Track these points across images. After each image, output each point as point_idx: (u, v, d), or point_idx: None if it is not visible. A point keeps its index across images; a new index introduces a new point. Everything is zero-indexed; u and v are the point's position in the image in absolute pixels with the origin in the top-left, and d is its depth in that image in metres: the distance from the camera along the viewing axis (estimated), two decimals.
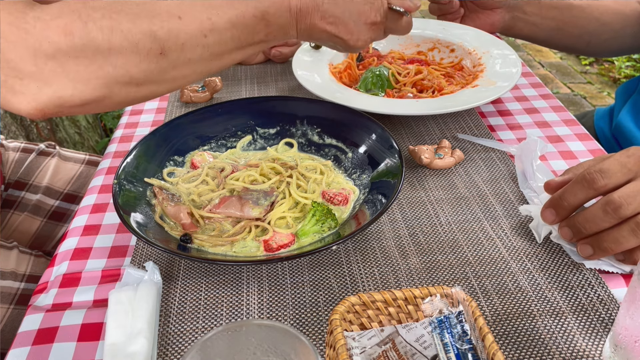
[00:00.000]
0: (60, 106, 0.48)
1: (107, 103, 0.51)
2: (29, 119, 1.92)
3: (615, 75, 3.08)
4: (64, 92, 0.47)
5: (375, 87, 0.92)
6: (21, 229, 0.94)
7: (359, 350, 0.48)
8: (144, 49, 0.50)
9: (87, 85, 0.48)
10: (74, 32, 0.47)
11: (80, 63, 0.47)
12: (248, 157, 0.79)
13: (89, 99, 0.49)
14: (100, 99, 0.49)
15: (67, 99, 0.48)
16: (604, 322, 0.55)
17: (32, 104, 0.47)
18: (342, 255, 0.65)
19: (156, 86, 0.53)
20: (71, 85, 0.48)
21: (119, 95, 0.50)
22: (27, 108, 0.47)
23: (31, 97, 0.47)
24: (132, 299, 0.56)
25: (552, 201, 0.61)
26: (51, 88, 0.47)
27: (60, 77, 0.47)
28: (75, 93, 0.48)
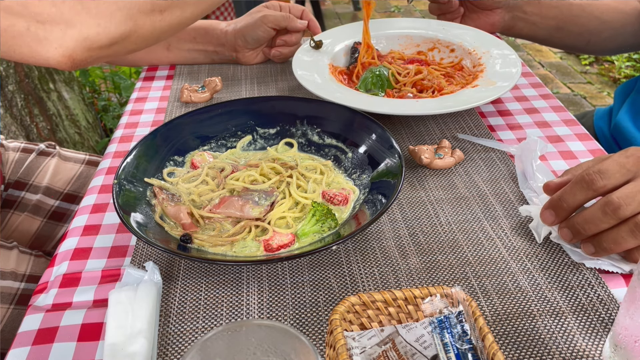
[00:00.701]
0: (89, 49, 0.46)
1: (135, 38, 0.49)
2: (29, 119, 1.92)
3: (615, 75, 3.08)
4: (89, 30, 0.46)
5: (375, 87, 0.92)
6: (21, 229, 0.94)
7: (359, 350, 0.48)
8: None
9: (111, 20, 0.46)
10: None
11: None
12: (248, 157, 0.79)
13: (116, 35, 0.47)
14: (127, 34, 0.48)
15: (93, 38, 0.46)
16: (604, 322, 0.55)
17: (59, 50, 0.46)
18: (342, 255, 0.65)
19: (180, 10, 0.51)
20: (94, 23, 0.46)
21: (144, 26, 0.49)
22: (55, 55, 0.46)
23: (57, 43, 0.45)
24: (132, 299, 0.56)
25: (552, 202, 0.61)
26: (75, 29, 0.45)
27: (81, 15, 0.45)
28: (100, 31, 0.46)
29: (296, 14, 1.07)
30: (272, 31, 1.05)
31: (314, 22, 1.08)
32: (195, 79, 1.06)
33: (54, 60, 0.46)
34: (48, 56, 0.46)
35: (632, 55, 3.20)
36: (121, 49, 0.49)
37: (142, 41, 0.50)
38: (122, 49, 0.49)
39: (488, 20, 1.08)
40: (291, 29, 1.05)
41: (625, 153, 0.58)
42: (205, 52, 1.09)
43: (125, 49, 0.50)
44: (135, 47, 0.51)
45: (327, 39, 1.04)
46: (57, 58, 0.46)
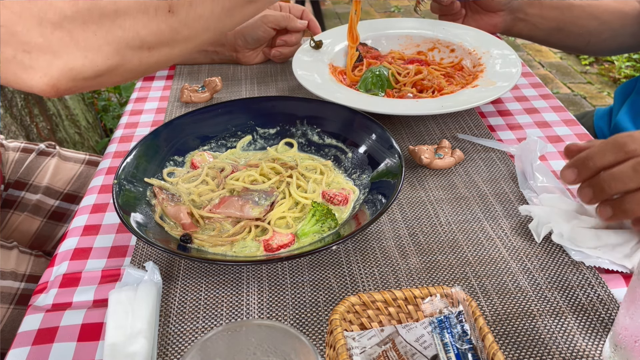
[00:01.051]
0: (73, 79, 0.46)
1: (121, 72, 0.49)
2: (29, 119, 1.92)
3: (615, 75, 3.08)
4: (75, 62, 0.46)
5: (375, 87, 0.92)
6: (21, 229, 0.94)
7: (359, 350, 0.48)
8: (152, 8, 0.48)
9: (98, 53, 0.46)
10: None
11: (87, 29, 0.45)
12: (248, 157, 0.79)
13: (102, 68, 0.47)
14: (113, 67, 0.48)
15: (79, 70, 0.46)
16: (604, 322, 0.55)
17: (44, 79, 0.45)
18: (342, 255, 0.65)
19: (169, 48, 0.51)
20: (81, 55, 0.46)
21: (131, 61, 0.48)
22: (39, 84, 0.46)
23: (42, 72, 0.45)
24: (132, 299, 0.56)
25: (577, 161, 0.60)
26: (61, 60, 0.45)
27: (69, 47, 0.45)
28: (86, 63, 0.46)
29: (296, 14, 1.07)
30: (272, 31, 1.05)
31: (314, 22, 1.08)
32: (195, 79, 1.06)
33: (38, 88, 0.46)
34: (32, 84, 0.46)
35: (632, 55, 3.20)
36: (106, 80, 0.49)
37: (128, 74, 0.50)
38: (107, 80, 0.49)
39: (490, 22, 1.08)
40: (291, 29, 1.05)
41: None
42: (205, 52, 1.09)
43: (110, 81, 0.50)
44: (121, 80, 0.51)
45: (327, 39, 1.04)
46: (40, 86, 0.46)
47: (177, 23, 0.50)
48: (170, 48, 0.51)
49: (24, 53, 0.45)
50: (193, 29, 0.51)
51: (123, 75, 0.50)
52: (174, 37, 0.50)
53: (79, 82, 0.47)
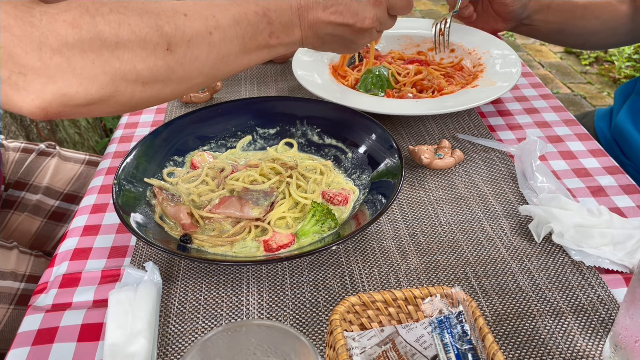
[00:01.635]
0: (65, 105, 0.47)
1: (112, 103, 0.49)
2: (29, 119, 1.92)
3: (615, 75, 3.08)
4: (69, 88, 0.46)
5: (375, 87, 0.92)
6: (21, 229, 0.94)
7: (359, 350, 0.48)
8: (151, 44, 0.49)
9: (93, 82, 0.47)
10: (82, 25, 0.46)
11: (86, 57, 0.46)
12: (248, 157, 0.79)
13: (95, 97, 0.48)
14: (106, 97, 0.48)
15: (72, 96, 0.46)
16: (604, 322, 0.55)
17: (35, 101, 0.46)
18: (342, 255, 0.65)
19: (162, 86, 0.51)
20: (77, 82, 0.46)
21: (124, 94, 0.49)
22: (29, 106, 0.46)
23: (35, 95, 0.45)
24: (132, 299, 0.56)
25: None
26: (56, 85, 0.46)
27: (65, 73, 0.46)
28: (80, 90, 0.46)
29: None
30: None
31: None
32: None
33: (27, 110, 0.46)
34: (22, 105, 0.46)
35: (632, 56, 3.20)
36: (95, 110, 0.50)
37: (118, 107, 0.51)
38: (97, 110, 0.50)
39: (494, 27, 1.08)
40: None
41: None
42: None
43: (99, 111, 0.50)
44: (110, 111, 0.51)
45: None
46: (31, 109, 0.46)
47: (173, 62, 0.51)
48: (164, 86, 0.52)
49: (19, 75, 0.45)
50: (188, 70, 0.52)
51: (113, 107, 0.50)
52: (169, 75, 0.51)
53: (69, 109, 0.47)
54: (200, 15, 0.53)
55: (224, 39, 0.54)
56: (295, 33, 0.60)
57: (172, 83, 0.52)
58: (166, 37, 0.50)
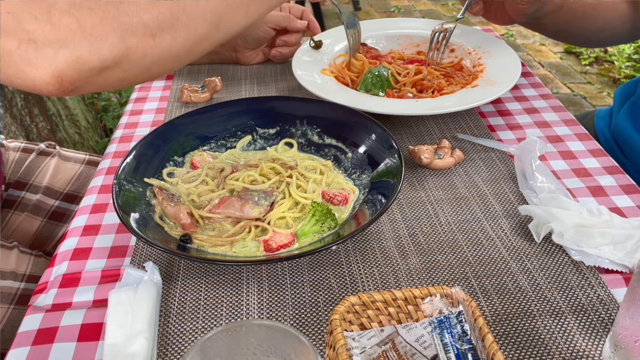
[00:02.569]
0: (79, 70, 0.46)
1: (126, 65, 0.49)
2: (29, 119, 1.92)
3: (615, 75, 3.08)
4: (82, 51, 0.45)
5: (375, 88, 0.92)
6: (21, 229, 0.94)
7: (358, 350, 0.48)
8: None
9: (104, 41, 0.46)
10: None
11: (94, 15, 0.46)
12: (248, 157, 0.79)
13: (108, 57, 0.47)
14: (119, 58, 0.48)
15: (85, 59, 0.46)
16: (604, 322, 0.55)
17: (49, 70, 0.45)
18: (342, 255, 0.65)
19: (171, 37, 0.51)
20: (88, 43, 0.46)
21: (136, 52, 0.49)
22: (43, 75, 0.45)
23: (47, 63, 0.44)
24: (132, 299, 0.56)
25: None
26: (68, 48, 0.45)
27: (76, 35, 0.45)
28: (92, 51, 0.46)
29: (296, 14, 1.07)
30: (272, 31, 1.05)
31: (313, 23, 1.08)
32: (195, 79, 1.06)
33: (41, 80, 0.45)
34: (35, 76, 0.45)
35: (632, 56, 3.20)
36: (111, 76, 0.49)
37: (133, 69, 0.50)
38: (113, 76, 0.49)
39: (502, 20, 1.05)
40: (291, 29, 1.05)
41: None
42: None
43: (115, 77, 0.50)
44: (126, 76, 0.51)
45: (327, 39, 1.04)
46: (45, 78, 0.45)
47: (176, 8, 0.50)
48: (172, 38, 0.51)
49: (28, 43, 0.44)
50: (191, 15, 0.52)
51: (127, 70, 0.50)
52: (174, 24, 0.51)
53: (84, 74, 0.46)
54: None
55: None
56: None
57: (179, 33, 0.52)
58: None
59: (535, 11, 1.02)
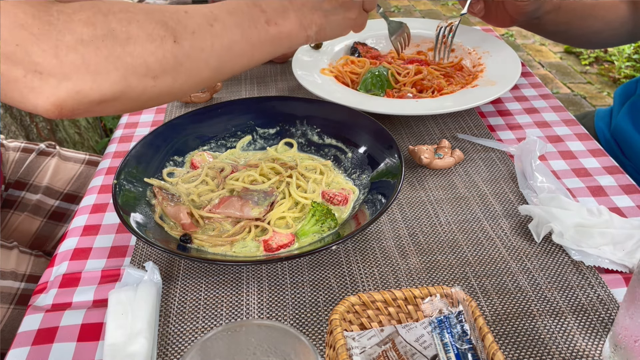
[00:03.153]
0: (79, 102, 0.48)
1: (124, 100, 0.51)
2: (29, 119, 1.93)
3: (615, 75, 3.08)
4: (84, 85, 0.47)
5: (375, 88, 0.92)
6: (21, 229, 0.94)
7: (358, 350, 0.48)
8: (158, 37, 0.51)
9: (106, 78, 0.48)
10: (96, 23, 0.48)
11: (100, 54, 0.48)
12: (248, 157, 0.79)
13: (107, 93, 0.49)
14: (118, 94, 0.50)
15: (86, 93, 0.48)
16: (604, 322, 0.55)
17: (50, 99, 0.47)
18: (342, 255, 0.65)
19: (172, 80, 0.53)
20: (90, 78, 0.48)
21: (135, 89, 0.51)
22: (44, 104, 0.47)
23: (50, 92, 0.47)
24: (132, 299, 0.56)
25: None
26: (70, 82, 0.47)
27: (80, 70, 0.47)
28: (94, 87, 0.48)
29: None
30: None
31: None
32: None
33: (42, 108, 0.48)
34: (37, 103, 0.47)
35: (632, 56, 3.20)
36: (109, 107, 0.51)
37: (130, 103, 0.52)
38: (111, 107, 0.51)
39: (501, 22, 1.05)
40: None
41: None
42: None
43: (113, 108, 0.52)
44: (123, 109, 0.53)
45: None
46: (46, 106, 0.47)
47: (180, 54, 0.53)
48: (173, 80, 0.53)
49: (34, 73, 0.46)
50: (195, 61, 0.55)
51: (125, 104, 0.52)
52: (177, 68, 0.53)
53: (83, 106, 0.49)
54: (198, 11, 0.56)
55: (225, 28, 0.57)
56: (291, 17, 0.62)
57: (180, 76, 0.54)
58: (171, 30, 0.52)
59: (534, 10, 1.02)
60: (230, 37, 0.57)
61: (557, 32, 1.08)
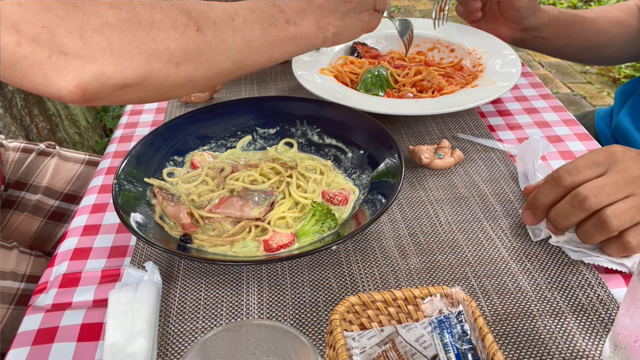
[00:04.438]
0: (102, 85, 0.48)
1: (146, 86, 0.51)
2: (29, 119, 1.92)
3: (615, 75, 3.08)
4: (108, 67, 0.48)
5: (375, 88, 0.92)
6: (21, 229, 0.94)
7: (358, 350, 0.48)
8: (182, 25, 0.52)
9: (130, 62, 0.49)
10: (121, 7, 0.49)
11: (124, 37, 0.48)
12: (248, 157, 0.79)
13: (130, 77, 0.49)
14: (141, 79, 0.50)
15: (109, 75, 0.48)
16: (604, 322, 0.55)
17: (75, 80, 0.47)
18: (342, 255, 0.65)
19: (193, 68, 0.54)
20: (114, 61, 0.48)
21: (158, 75, 0.51)
22: (69, 86, 0.47)
23: (74, 74, 0.47)
24: (132, 299, 0.56)
25: (528, 203, 0.63)
26: (95, 64, 0.47)
27: (105, 52, 0.47)
28: (117, 69, 0.48)
29: None
30: None
31: None
32: None
33: (66, 90, 0.48)
34: (61, 85, 0.47)
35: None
36: (130, 93, 0.52)
37: (152, 90, 0.53)
38: (132, 93, 0.52)
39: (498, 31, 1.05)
40: None
41: (597, 150, 0.60)
42: None
43: (134, 94, 0.52)
44: (143, 95, 0.53)
45: None
46: (70, 88, 0.48)
47: (203, 42, 0.54)
48: (195, 68, 0.54)
49: (59, 54, 0.46)
50: (216, 52, 0.56)
51: (147, 90, 0.52)
52: (199, 56, 0.54)
53: (107, 89, 0.49)
54: (219, 5, 0.58)
55: (245, 23, 0.58)
56: (309, 18, 0.64)
57: (202, 66, 0.55)
58: (194, 19, 0.54)
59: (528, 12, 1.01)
60: (251, 32, 0.58)
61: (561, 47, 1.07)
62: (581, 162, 0.59)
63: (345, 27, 0.69)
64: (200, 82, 0.57)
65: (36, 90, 0.48)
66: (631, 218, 0.56)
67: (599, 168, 0.58)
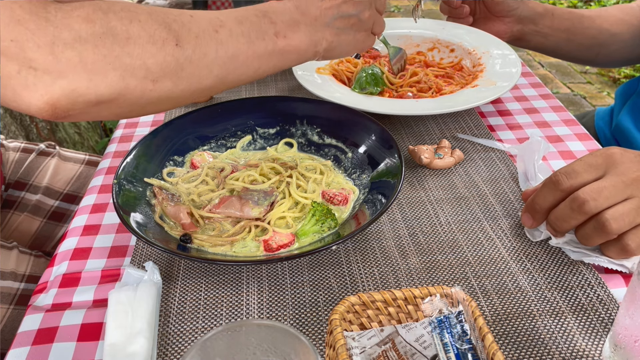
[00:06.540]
0: (74, 102, 0.46)
1: (121, 102, 0.49)
2: (29, 119, 1.92)
3: (615, 75, 3.08)
4: (79, 83, 0.46)
5: (369, 85, 0.92)
6: (21, 229, 0.94)
7: (358, 350, 0.48)
8: (160, 39, 0.50)
9: (104, 78, 0.47)
10: (95, 20, 0.46)
11: (98, 52, 0.46)
12: (248, 157, 0.79)
13: (104, 94, 0.47)
14: (115, 95, 0.48)
15: (81, 92, 0.46)
16: (604, 322, 0.55)
17: (44, 97, 0.45)
18: (342, 255, 0.65)
19: (172, 84, 0.51)
20: (87, 77, 0.46)
21: (133, 92, 0.49)
22: (38, 102, 0.45)
23: (44, 90, 0.45)
24: (132, 299, 0.56)
25: (527, 206, 0.63)
26: (66, 79, 0.45)
27: (76, 68, 0.46)
28: (90, 86, 0.46)
29: None
30: None
31: None
32: None
33: (36, 106, 0.46)
34: (30, 102, 0.46)
35: None
36: (105, 110, 0.49)
37: (128, 107, 0.50)
38: (107, 110, 0.50)
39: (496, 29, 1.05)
40: None
41: (595, 153, 0.60)
42: None
43: (109, 111, 0.50)
44: (120, 112, 0.51)
45: None
46: (39, 105, 0.46)
47: (182, 58, 0.51)
48: (173, 85, 0.52)
49: (29, 69, 0.45)
50: (197, 67, 0.53)
51: (122, 107, 0.50)
52: (178, 72, 0.51)
53: (79, 106, 0.47)
54: (204, 16, 0.54)
55: (230, 36, 0.55)
56: (301, 31, 0.61)
57: (182, 82, 0.52)
58: (174, 33, 0.51)
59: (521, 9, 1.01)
60: (236, 46, 0.55)
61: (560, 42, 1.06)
62: (579, 165, 0.58)
63: (339, 43, 0.65)
64: (181, 99, 0.54)
65: (6, 104, 0.46)
66: (630, 221, 0.56)
67: (597, 170, 0.58)
